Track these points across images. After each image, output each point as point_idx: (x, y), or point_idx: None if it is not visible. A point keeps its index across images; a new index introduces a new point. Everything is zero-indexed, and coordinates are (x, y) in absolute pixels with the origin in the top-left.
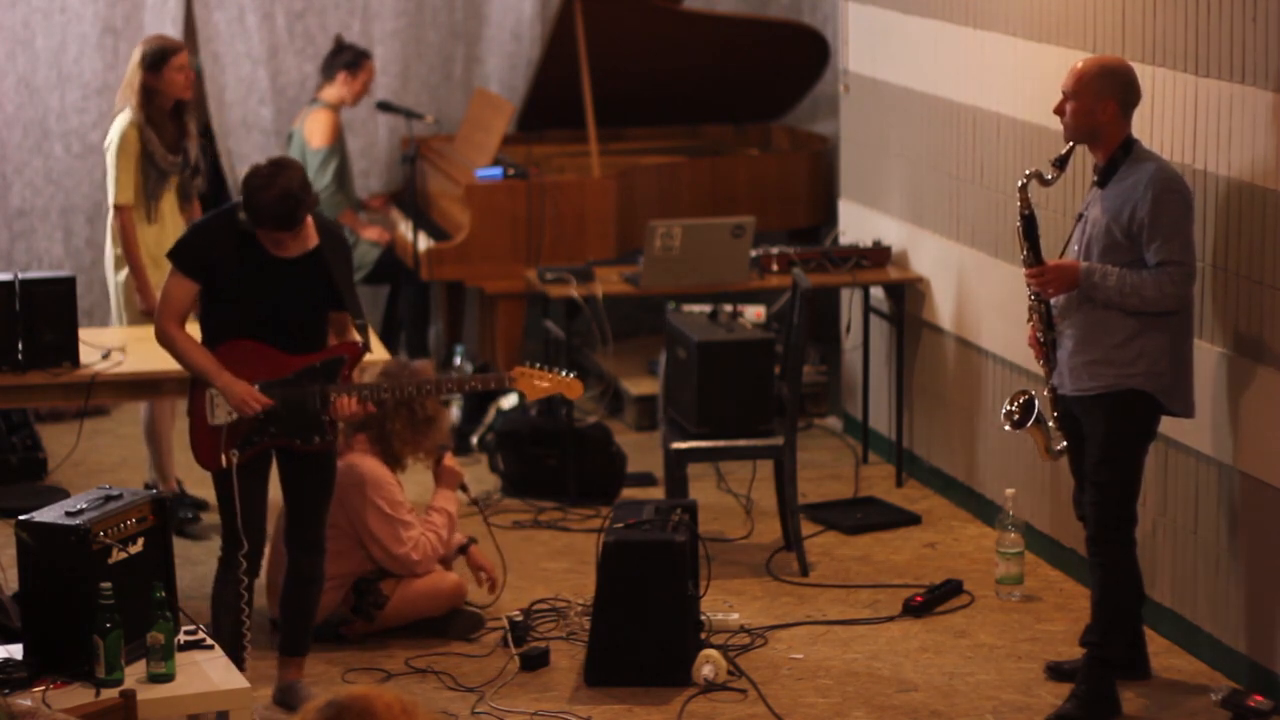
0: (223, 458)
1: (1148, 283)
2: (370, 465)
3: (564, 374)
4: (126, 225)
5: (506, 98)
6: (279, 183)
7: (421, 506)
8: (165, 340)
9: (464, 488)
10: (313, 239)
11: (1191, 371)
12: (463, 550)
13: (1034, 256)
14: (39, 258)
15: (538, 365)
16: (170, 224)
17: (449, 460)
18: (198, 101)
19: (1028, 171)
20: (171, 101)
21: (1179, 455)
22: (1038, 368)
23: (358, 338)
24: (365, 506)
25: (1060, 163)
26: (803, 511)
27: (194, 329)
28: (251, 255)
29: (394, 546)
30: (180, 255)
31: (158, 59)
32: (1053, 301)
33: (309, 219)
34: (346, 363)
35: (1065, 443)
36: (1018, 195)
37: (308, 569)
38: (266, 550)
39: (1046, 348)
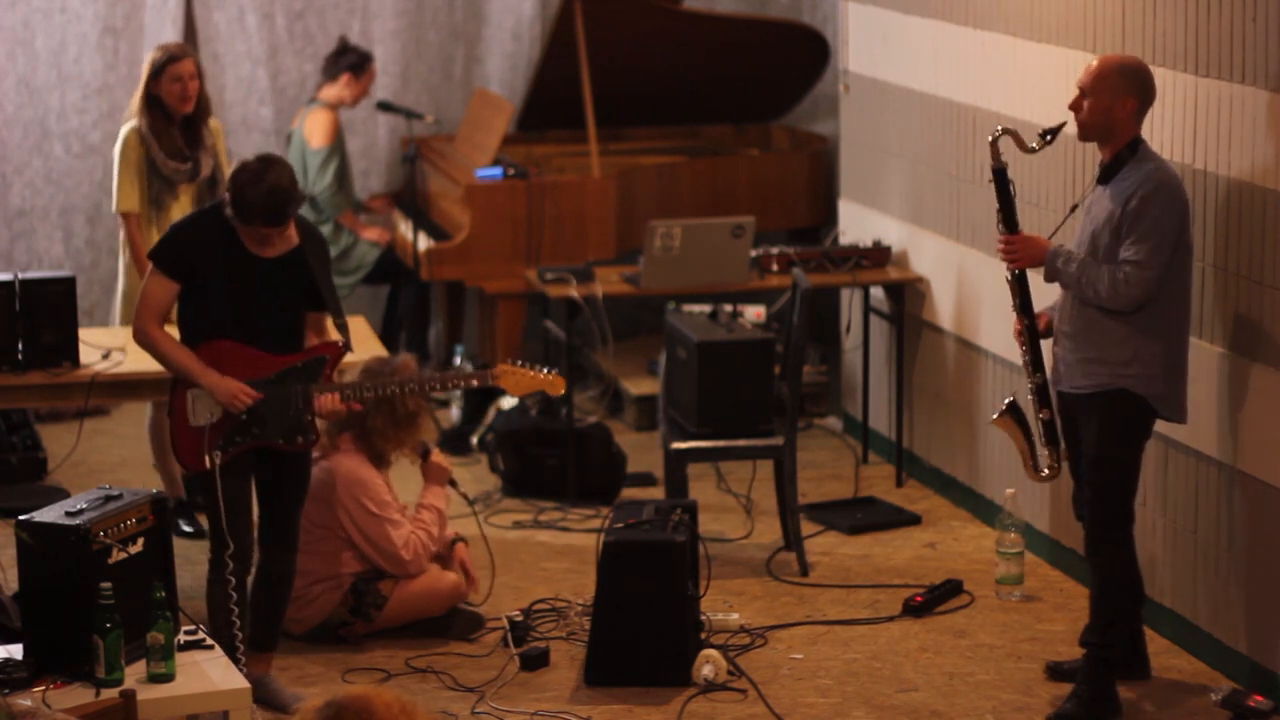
0: (206, 459)
1: (1104, 278)
2: (356, 466)
3: (547, 371)
4: (131, 233)
5: (506, 98)
6: (269, 178)
7: (414, 504)
8: (145, 341)
9: (453, 483)
10: (294, 238)
11: (1185, 377)
12: (451, 546)
13: (1005, 216)
14: (39, 258)
15: (519, 363)
16: None
17: (436, 456)
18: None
19: (1000, 127)
20: (177, 110)
21: (1179, 455)
22: None
23: (338, 337)
24: (353, 508)
25: (1048, 135)
26: (803, 511)
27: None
28: (234, 255)
29: (384, 546)
30: (161, 255)
31: (157, 67)
32: (1052, 302)
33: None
34: (328, 362)
35: (1052, 466)
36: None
37: (280, 567)
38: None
39: (1026, 336)
